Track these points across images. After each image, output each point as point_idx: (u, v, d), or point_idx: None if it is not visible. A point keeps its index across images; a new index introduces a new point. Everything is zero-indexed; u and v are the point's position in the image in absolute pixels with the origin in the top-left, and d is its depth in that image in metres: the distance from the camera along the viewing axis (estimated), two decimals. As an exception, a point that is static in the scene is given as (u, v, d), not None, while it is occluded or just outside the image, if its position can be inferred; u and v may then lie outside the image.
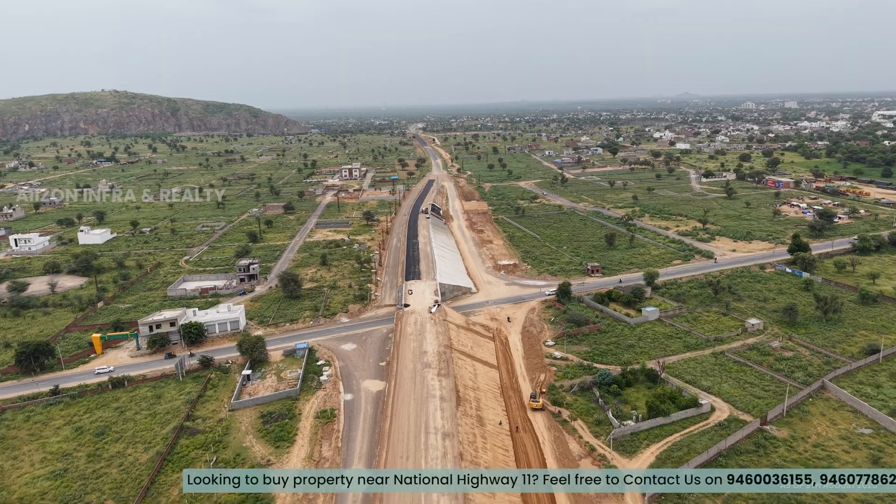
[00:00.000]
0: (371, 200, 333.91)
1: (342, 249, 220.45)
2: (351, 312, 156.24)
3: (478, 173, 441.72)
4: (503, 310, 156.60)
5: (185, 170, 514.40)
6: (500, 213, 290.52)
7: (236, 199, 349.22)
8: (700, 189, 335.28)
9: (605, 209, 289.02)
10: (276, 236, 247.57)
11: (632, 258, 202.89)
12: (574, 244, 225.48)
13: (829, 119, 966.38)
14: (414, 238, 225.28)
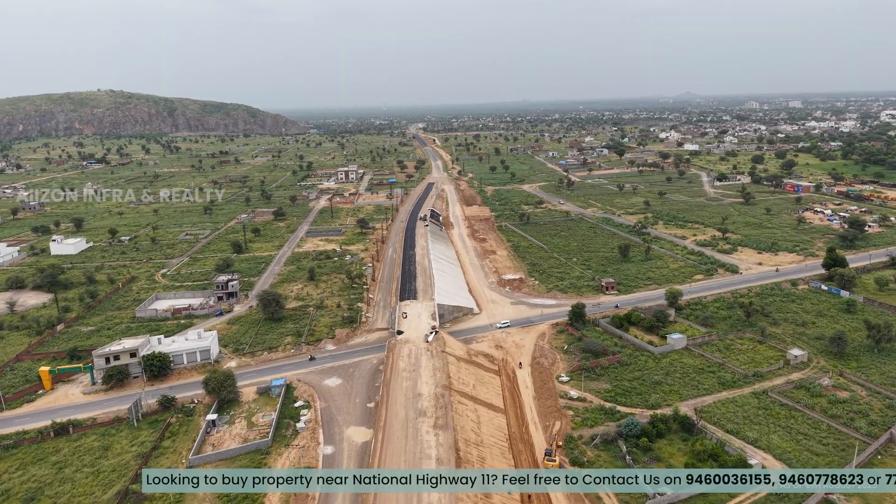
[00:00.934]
0: (367, 205, 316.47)
1: (333, 262, 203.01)
2: (338, 338, 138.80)
3: (479, 176, 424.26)
4: (510, 335, 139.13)
5: (177, 172, 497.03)
6: (504, 220, 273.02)
7: (226, 204, 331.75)
8: (714, 193, 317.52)
9: (615, 215, 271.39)
10: (262, 246, 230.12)
11: (648, 272, 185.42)
12: (584, 255, 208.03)
13: (836, 119, 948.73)
14: (411, 249, 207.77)
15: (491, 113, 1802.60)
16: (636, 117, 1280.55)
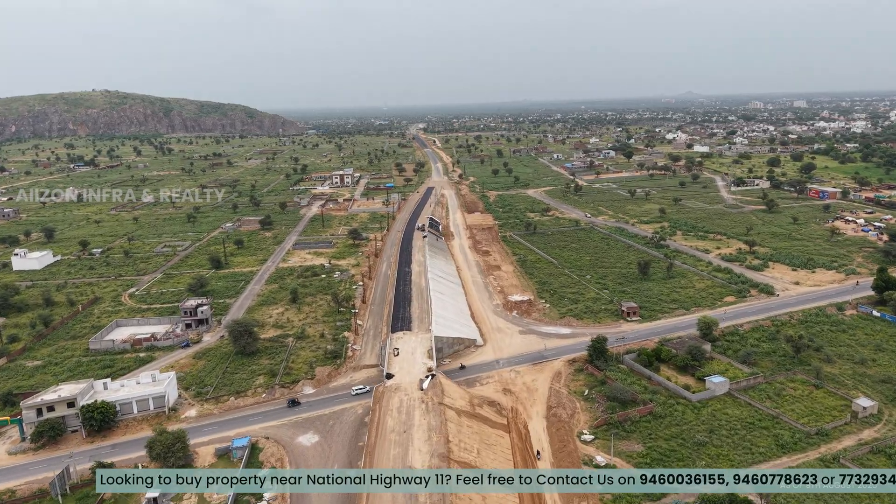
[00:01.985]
0: (362, 213, 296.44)
1: (320, 279, 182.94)
2: (318, 378, 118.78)
3: (481, 179, 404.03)
4: (519, 375, 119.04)
5: (167, 175, 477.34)
6: (508, 229, 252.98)
7: (211, 211, 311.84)
8: (732, 199, 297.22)
9: (628, 224, 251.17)
10: (244, 260, 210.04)
11: (672, 292, 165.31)
12: (599, 271, 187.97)
13: (845, 119, 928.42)
14: (407, 266, 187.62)
15: (492, 113, 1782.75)
16: (639, 117, 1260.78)
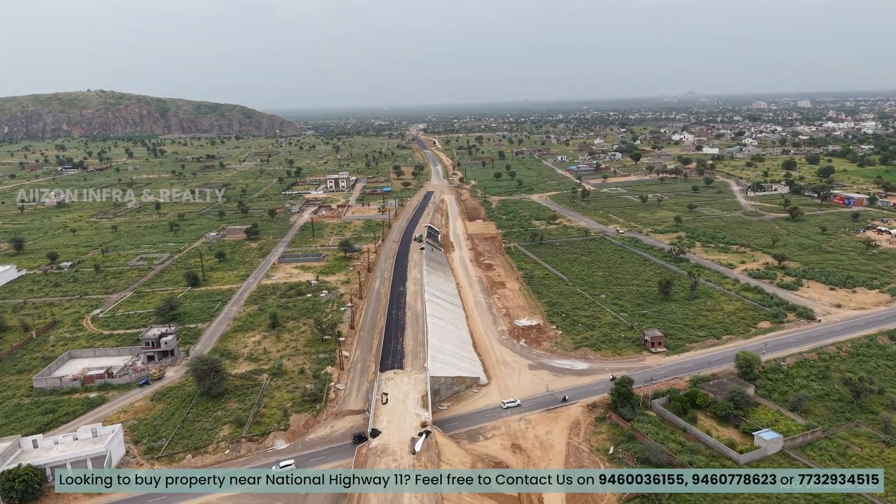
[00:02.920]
0: (356, 220, 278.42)
1: (305, 300, 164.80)
2: (293, 429, 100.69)
3: (483, 183, 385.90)
4: (530, 425, 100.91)
5: (156, 178, 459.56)
6: (512, 239, 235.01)
7: (197, 219, 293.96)
8: (750, 206, 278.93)
9: (642, 234, 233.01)
10: (224, 276, 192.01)
11: (698, 316, 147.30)
12: (614, 289, 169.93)
13: (852, 119, 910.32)
14: (401, 285, 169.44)
15: (493, 113, 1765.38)
16: (642, 117, 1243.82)
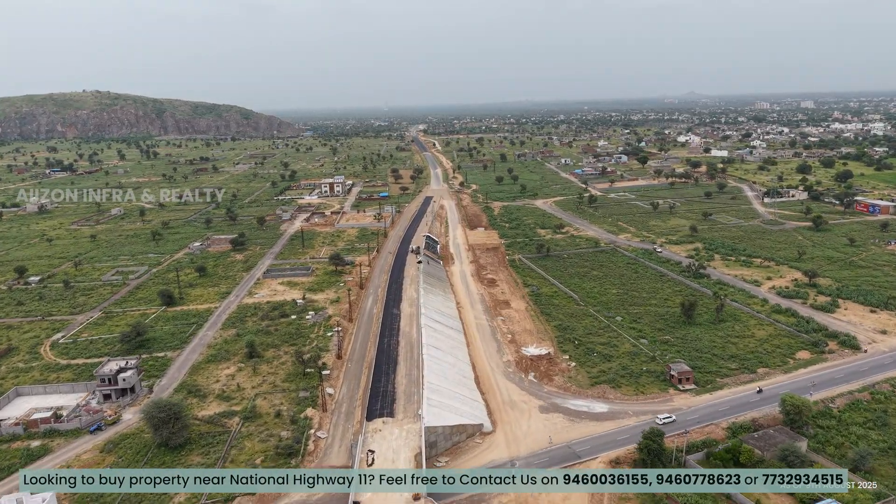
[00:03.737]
0: (350, 228, 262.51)
1: (288, 322, 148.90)
2: (261, 498, 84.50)
3: (484, 188, 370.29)
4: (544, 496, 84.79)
5: (146, 182, 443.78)
6: (516, 250, 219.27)
7: (182, 227, 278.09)
8: (769, 214, 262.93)
9: (656, 246, 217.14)
10: (204, 293, 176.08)
11: (727, 343, 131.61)
12: (630, 310, 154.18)
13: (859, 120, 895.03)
14: (395, 306, 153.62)
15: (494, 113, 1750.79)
16: (645, 118, 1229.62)
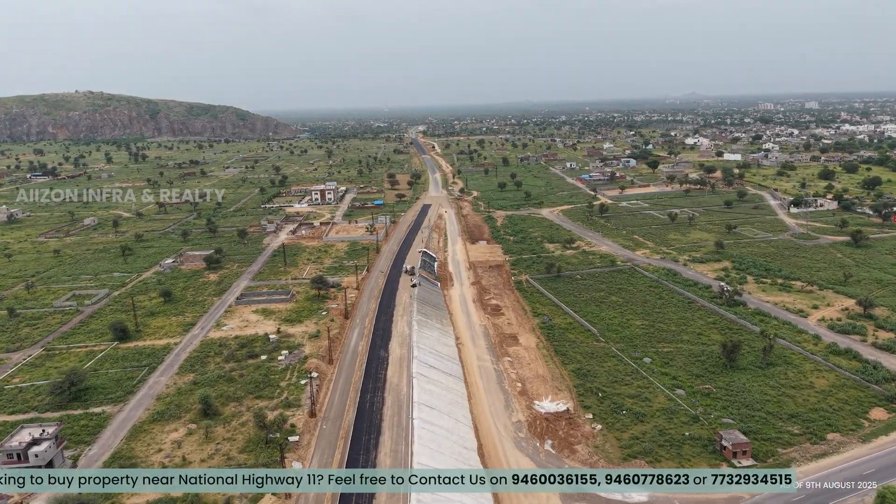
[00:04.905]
0: (339, 242, 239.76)
1: (257, 365, 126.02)
2: None
3: (486, 195, 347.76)
4: None
5: (129, 187, 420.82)
6: (523, 268, 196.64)
7: (157, 239, 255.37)
8: (798, 226, 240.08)
9: (679, 264, 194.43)
10: (165, 324, 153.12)
11: (781, 397, 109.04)
12: (659, 348, 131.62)
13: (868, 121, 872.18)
14: (384, 346, 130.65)
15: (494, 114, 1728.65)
16: (648, 119, 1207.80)
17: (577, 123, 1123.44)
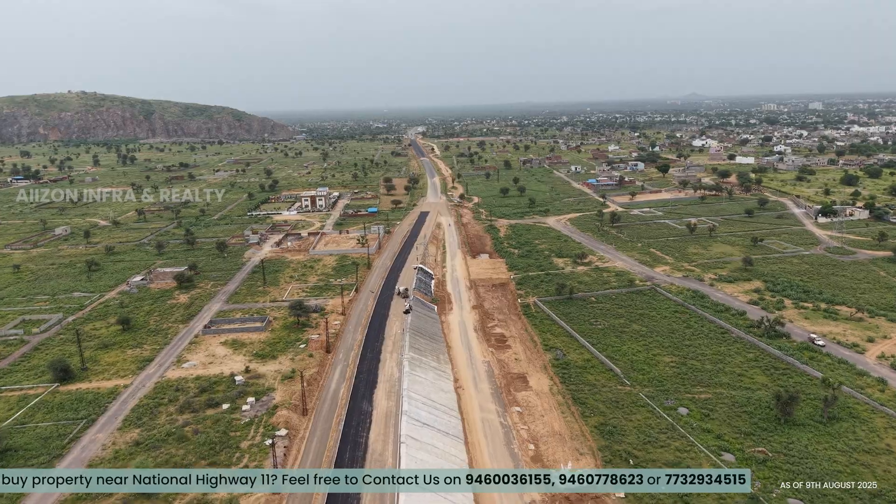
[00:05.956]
0: (327, 256, 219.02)
1: (216, 417, 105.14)
2: None
3: (487, 201, 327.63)
4: None
5: (112, 192, 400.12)
6: (530, 288, 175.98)
7: (130, 252, 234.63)
8: (830, 239, 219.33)
9: (704, 283, 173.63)
10: (118, 360, 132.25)
11: (854, 464, 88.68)
12: (696, 394, 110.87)
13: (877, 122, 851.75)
14: (368, 396, 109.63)
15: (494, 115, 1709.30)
16: (651, 120, 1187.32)
17: (579, 124, 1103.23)
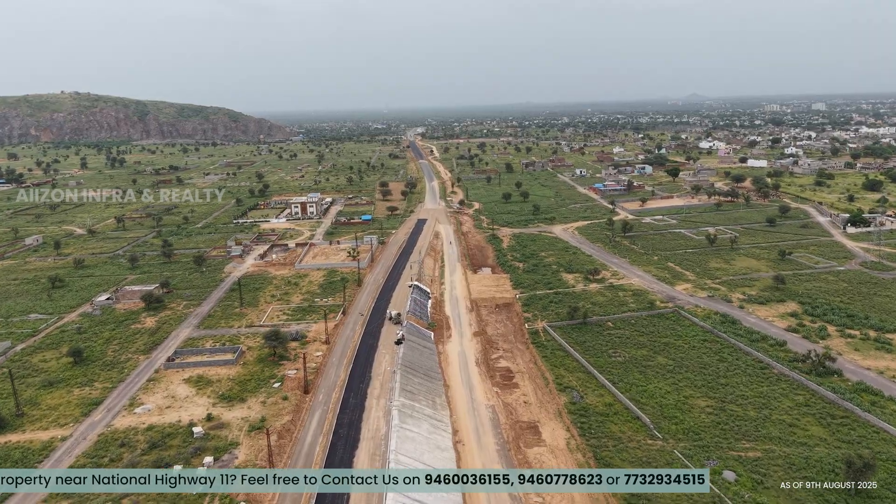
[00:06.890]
0: (314, 271, 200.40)
1: (166, 490, 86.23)
2: None
3: (489, 207, 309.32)
4: None
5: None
6: (538, 310, 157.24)
7: (100, 265, 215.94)
8: (865, 252, 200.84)
9: (733, 306, 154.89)
10: (60, 404, 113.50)
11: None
12: (741, 450, 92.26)
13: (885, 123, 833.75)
14: (345, 461, 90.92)
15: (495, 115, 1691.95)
16: (653, 121, 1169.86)
17: (581, 125, 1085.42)
